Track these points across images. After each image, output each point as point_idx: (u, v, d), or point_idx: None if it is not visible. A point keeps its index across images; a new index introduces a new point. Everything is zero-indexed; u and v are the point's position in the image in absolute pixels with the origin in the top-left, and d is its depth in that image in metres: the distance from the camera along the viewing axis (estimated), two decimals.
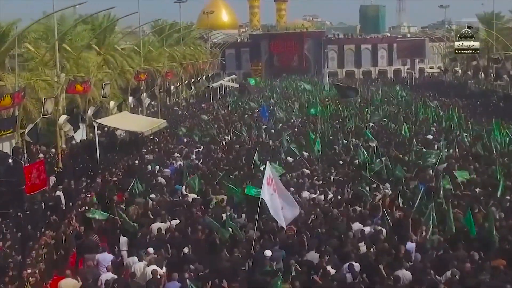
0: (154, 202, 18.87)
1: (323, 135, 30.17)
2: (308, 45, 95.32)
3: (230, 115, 41.38)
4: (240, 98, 52.43)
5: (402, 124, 33.12)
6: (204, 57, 66.81)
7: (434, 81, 73.49)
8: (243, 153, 26.04)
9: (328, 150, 26.34)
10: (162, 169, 24.59)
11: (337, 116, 39.40)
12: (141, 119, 28.47)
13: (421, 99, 48.87)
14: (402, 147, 26.72)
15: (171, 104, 49.52)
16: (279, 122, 36.13)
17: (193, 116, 40.71)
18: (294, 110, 39.00)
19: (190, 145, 29.99)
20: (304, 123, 35.77)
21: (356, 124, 34.43)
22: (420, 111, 40.23)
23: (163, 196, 19.86)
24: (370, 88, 65.78)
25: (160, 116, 41.93)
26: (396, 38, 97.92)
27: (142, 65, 40.97)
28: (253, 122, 37.90)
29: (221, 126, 35.16)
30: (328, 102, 47.76)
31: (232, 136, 31.72)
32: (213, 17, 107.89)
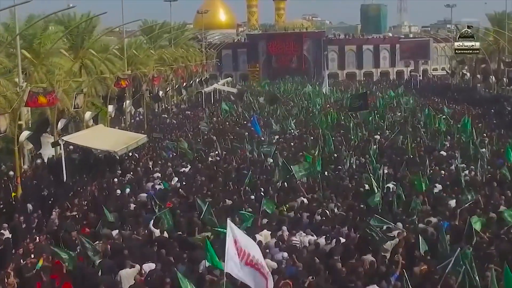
0: (122, 239, 15.58)
1: (324, 151, 26.78)
2: (307, 46, 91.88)
3: (220, 125, 37.86)
4: (236, 104, 48.90)
5: (412, 138, 29.86)
6: (197, 59, 63.30)
7: (440, 84, 69.77)
8: (232, 176, 22.52)
9: (330, 172, 22.86)
10: (140, 192, 21.40)
11: (339, 126, 35.96)
12: (116, 134, 24.98)
13: (428, 105, 45.44)
14: (414, 166, 23.26)
15: (159, 111, 45.92)
16: (274, 135, 32.64)
17: (180, 125, 37.12)
18: (289, 123, 35.40)
19: (176, 162, 26.55)
20: (303, 136, 32.18)
21: (361, 135, 30.96)
22: (428, 119, 36.88)
23: (135, 230, 16.50)
24: (372, 91, 62.41)
25: (146, 126, 38.60)
26: (399, 39, 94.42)
27: (126, 70, 37.43)
28: (246, 131, 34.58)
29: (207, 140, 31.67)
30: (329, 109, 44.33)
31: (222, 151, 28.23)
32: (210, 16, 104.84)
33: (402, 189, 18.78)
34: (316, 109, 44.36)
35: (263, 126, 35.12)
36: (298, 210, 17.68)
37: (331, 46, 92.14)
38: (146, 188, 22.27)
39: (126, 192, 21.55)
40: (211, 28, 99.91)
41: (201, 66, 62.93)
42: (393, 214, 16.83)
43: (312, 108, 45.06)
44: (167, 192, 20.94)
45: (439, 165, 23.70)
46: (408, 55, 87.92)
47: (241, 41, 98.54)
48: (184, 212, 17.98)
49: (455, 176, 21.39)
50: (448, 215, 16.38)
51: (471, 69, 60.88)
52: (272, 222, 16.29)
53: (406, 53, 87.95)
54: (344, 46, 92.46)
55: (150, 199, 19.45)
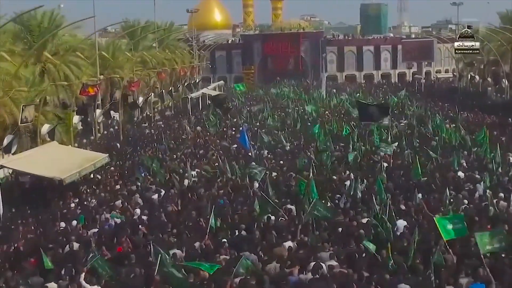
0: None
1: (321, 170, 22.63)
2: (305, 47, 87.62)
3: (203, 136, 33.58)
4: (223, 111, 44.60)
5: (421, 153, 25.71)
6: (186, 61, 59.03)
7: (445, 87, 65.33)
8: (205, 208, 18.23)
9: (327, 201, 18.62)
10: (93, 227, 17.35)
11: (338, 137, 31.75)
12: (70, 154, 20.73)
13: (437, 112, 41.24)
14: (429, 194, 19.09)
15: (138, 120, 41.56)
16: (264, 149, 28.40)
17: (159, 137, 32.85)
18: (279, 136, 31.00)
19: (145, 185, 22.34)
20: (296, 151, 27.86)
21: (365, 150, 26.70)
22: (439, 129, 32.72)
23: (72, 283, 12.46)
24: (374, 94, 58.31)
25: (122, 137, 34.40)
26: (400, 39, 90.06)
27: (99, 75, 33.19)
28: (233, 144, 30.45)
29: (184, 157, 27.42)
30: (327, 116, 40.11)
31: (201, 171, 24.02)
32: (205, 17, 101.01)
33: (418, 230, 14.60)
34: (313, 117, 40.15)
35: (252, 138, 30.96)
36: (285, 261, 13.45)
37: (330, 47, 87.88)
38: (102, 220, 18.24)
39: (73, 225, 17.54)
40: (206, 29, 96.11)
41: (190, 69, 58.59)
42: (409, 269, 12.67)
43: (308, 116, 40.84)
44: (122, 229, 16.79)
45: (458, 191, 19.52)
46: (410, 57, 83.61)
47: (235, 42, 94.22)
48: (138, 260, 13.91)
49: (484, 208, 17.24)
50: (484, 275, 12.12)
51: (480, 71, 56.57)
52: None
53: (409, 54, 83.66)
54: (343, 47, 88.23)
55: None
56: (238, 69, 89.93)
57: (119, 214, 18.49)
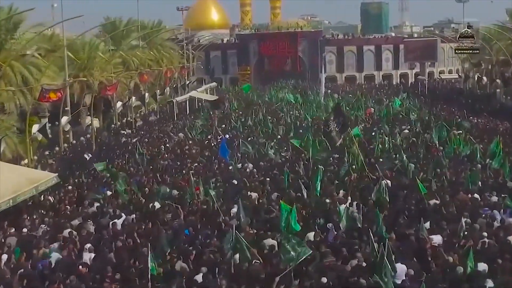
0: None
1: (309, 193, 19.25)
2: (303, 47, 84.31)
3: (184, 146, 30.16)
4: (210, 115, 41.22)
5: (427, 168, 22.38)
6: (176, 62, 55.65)
7: (451, 89, 61.68)
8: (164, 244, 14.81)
9: (316, 232, 15.24)
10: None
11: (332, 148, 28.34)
12: (9, 175, 17.30)
13: (442, 117, 37.76)
14: (441, 229, 15.61)
15: (116, 126, 38.07)
16: (247, 163, 24.98)
17: (134, 146, 29.46)
18: (266, 148, 27.40)
19: (102, 211, 18.92)
20: (285, 165, 24.40)
21: (361, 166, 23.24)
22: (443, 137, 29.40)
23: None
24: (375, 97, 54.78)
25: (95, 146, 31.06)
26: (402, 39, 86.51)
27: (67, 78, 29.81)
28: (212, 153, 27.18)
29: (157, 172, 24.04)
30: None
31: (171, 191, 20.61)
32: (201, 16, 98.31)
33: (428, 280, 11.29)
34: (307, 123, 36.77)
35: (237, 148, 27.59)
36: None
37: (329, 46, 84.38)
38: (37, 256, 14.99)
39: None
40: (202, 29, 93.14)
41: (179, 70, 55.18)
42: None
43: (302, 122, 37.47)
44: (55, 271, 13.55)
45: (474, 218, 16.13)
46: (413, 57, 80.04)
47: (231, 41, 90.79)
48: None
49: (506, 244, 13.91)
50: None
51: (488, 72, 53.09)
52: None
53: (411, 54, 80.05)
54: (343, 47, 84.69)
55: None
56: (233, 70, 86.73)
57: (60, 249, 15.17)
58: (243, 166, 24.07)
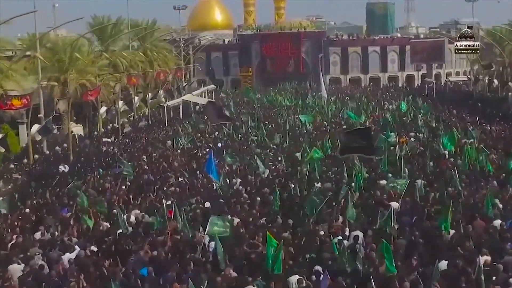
0: None
1: (303, 218, 16.58)
2: (306, 47, 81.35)
3: (169, 157, 27.46)
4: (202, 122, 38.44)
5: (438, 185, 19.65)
6: (171, 63, 52.96)
7: (459, 92, 58.62)
8: None
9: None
10: None
11: (333, 160, 25.64)
12: None
13: (452, 123, 34.90)
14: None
15: (99, 134, 35.37)
16: (234, 178, 22.26)
17: (114, 157, 26.80)
18: (256, 160, 24.44)
19: (50, 241, 16.16)
20: (277, 182, 21.67)
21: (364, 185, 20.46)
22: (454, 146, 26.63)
23: None
24: (380, 100, 51.94)
25: (73, 156, 28.44)
26: (409, 39, 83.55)
27: (39, 81, 27.18)
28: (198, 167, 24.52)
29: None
30: (324, 129, 34.04)
31: (141, 217, 17.92)
32: (204, 16, 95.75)
33: None
34: (306, 130, 34.05)
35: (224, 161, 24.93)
36: None
37: (333, 47, 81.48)
38: None
39: None
40: (205, 29, 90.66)
41: (174, 72, 52.50)
42: None
43: (301, 129, 34.75)
44: None
45: (497, 255, 13.38)
46: (420, 58, 77.14)
47: (232, 42, 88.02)
48: None
49: None
50: None
51: (499, 74, 50.19)
52: None
53: (418, 56, 77.17)
54: (348, 47, 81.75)
55: None
56: (235, 71, 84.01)
57: None
58: (229, 183, 21.33)
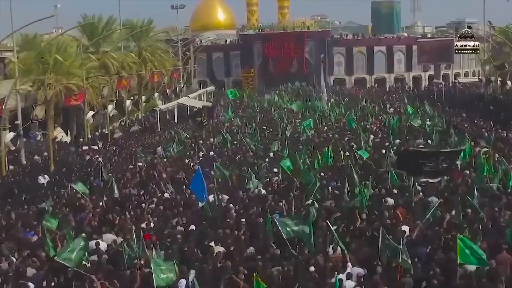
0: None
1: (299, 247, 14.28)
2: (309, 48, 78.96)
3: (156, 167, 25.15)
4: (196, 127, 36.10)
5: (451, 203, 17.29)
6: (168, 65, 50.70)
7: (470, 94, 56.01)
8: None
9: None
10: None
11: (334, 170, 23.31)
12: None
13: (464, 129, 32.47)
14: None
15: (85, 140, 33.04)
16: (221, 195, 19.89)
17: (97, 167, 24.50)
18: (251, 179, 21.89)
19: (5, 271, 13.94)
20: (271, 198, 19.32)
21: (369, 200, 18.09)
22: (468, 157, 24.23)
23: None
24: (386, 103, 49.47)
25: (54, 165, 26.23)
26: (415, 39, 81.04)
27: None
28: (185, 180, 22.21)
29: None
30: (325, 136, 31.66)
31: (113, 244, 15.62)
32: (207, 16, 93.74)
33: None
34: (306, 137, 31.69)
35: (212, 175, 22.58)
36: None
37: (337, 47, 79.12)
38: None
39: None
40: (208, 29, 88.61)
41: (170, 74, 50.20)
42: None
43: (301, 135, 32.38)
44: None
45: None
46: (427, 58, 74.63)
47: (234, 42, 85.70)
48: None
49: None
50: None
51: None
52: None
53: (425, 56, 74.67)
54: (352, 47, 79.35)
55: None
56: (237, 72, 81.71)
57: None
58: (216, 200, 18.98)
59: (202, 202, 18.54)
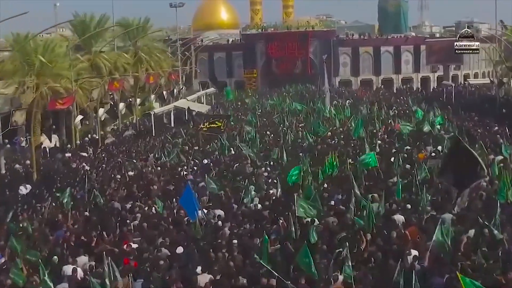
0: None
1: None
2: (314, 48, 76.93)
3: (145, 177, 23.22)
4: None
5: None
6: (166, 65, 48.81)
7: (481, 96, 53.86)
8: None
9: None
10: None
11: (339, 181, 21.33)
12: None
13: (479, 135, 30.37)
14: None
15: (72, 148, 31.14)
16: (214, 210, 17.95)
17: (83, 177, 22.57)
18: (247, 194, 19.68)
19: None
20: (266, 217, 17.37)
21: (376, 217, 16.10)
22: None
23: None
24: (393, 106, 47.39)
25: (37, 174, 24.36)
26: (424, 39, 78.82)
27: None
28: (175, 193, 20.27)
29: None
30: (327, 143, 29.64)
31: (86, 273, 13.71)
32: (210, 16, 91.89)
33: None
34: (309, 143, 29.68)
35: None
36: None
37: (343, 47, 77.05)
38: None
39: None
40: (210, 29, 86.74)
41: (167, 75, 48.31)
42: None
43: (302, 141, 30.39)
44: None
45: None
46: (436, 59, 72.43)
47: (236, 42, 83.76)
48: None
49: None
50: None
51: None
52: None
53: (434, 56, 72.47)
54: (359, 47, 77.22)
55: None
56: (239, 72, 79.79)
57: None
58: (205, 217, 17.01)
59: (192, 219, 16.60)
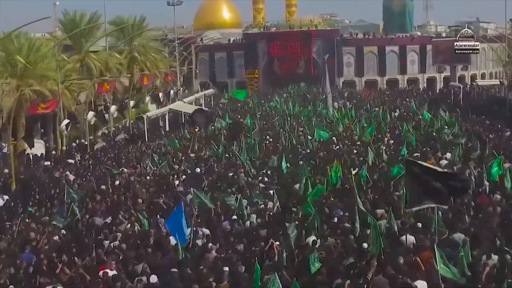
0: None
1: None
2: (317, 47, 75.05)
3: (132, 187, 21.36)
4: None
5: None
6: (163, 66, 46.95)
7: (489, 98, 51.90)
8: None
9: None
10: None
11: (341, 193, 19.45)
12: None
13: (491, 141, 28.40)
14: None
15: (59, 154, 29.28)
16: (204, 227, 16.08)
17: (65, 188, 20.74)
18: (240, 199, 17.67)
19: None
20: (263, 234, 15.49)
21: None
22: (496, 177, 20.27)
23: None
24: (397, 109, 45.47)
25: (16, 185, 22.52)
26: (430, 38, 76.87)
27: None
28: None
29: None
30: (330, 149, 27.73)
31: None
32: (212, 15, 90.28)
33: None
34: (310, 150, 27.78)
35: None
36: None
37: (347, 47, 75.18)
38: None
39: None
40: (212, 28, 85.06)
41: (164, 76, 46.46)
42: None
43: (303, 147, 28.47)
44: None
45: None
46: (442, 59, 70.43)
47: (237, 41, 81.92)
48: None
49: None
50: None
51: None
52: None
53: (440, 56, 70.50)
54: (363, 47, 75.32)
55: None
56: (241, 73, 78.01)
57: None
58: (192, 238, 15.14)
59: (183, 244, 14.65)
